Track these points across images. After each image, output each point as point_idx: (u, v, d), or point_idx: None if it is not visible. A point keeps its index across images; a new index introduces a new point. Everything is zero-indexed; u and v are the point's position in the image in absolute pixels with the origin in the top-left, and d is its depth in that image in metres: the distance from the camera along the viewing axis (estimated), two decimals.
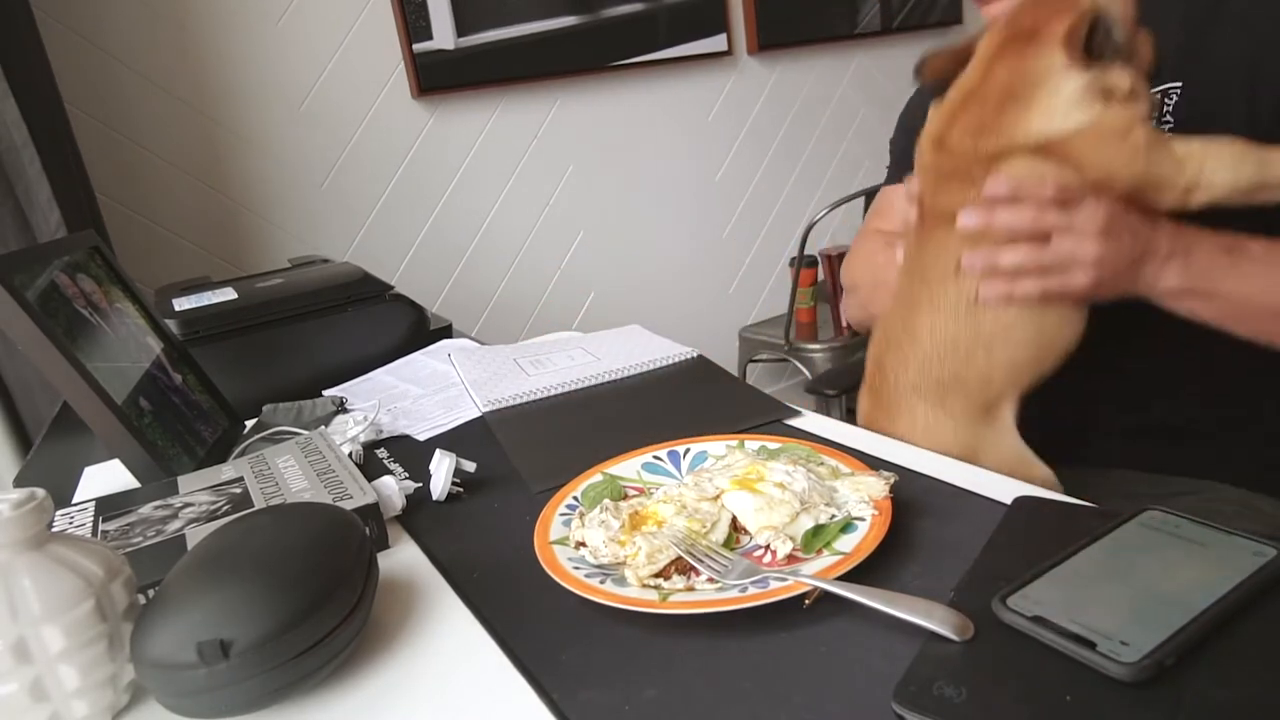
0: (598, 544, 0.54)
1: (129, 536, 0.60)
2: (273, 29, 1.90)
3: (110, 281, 0.89)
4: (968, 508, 0.58)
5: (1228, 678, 0.38)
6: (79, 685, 0.44)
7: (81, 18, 1.71)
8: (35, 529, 0.44)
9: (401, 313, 1.16)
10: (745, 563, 0.52)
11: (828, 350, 2.37)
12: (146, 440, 0.75)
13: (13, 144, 1.31)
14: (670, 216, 2.53)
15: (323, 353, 1.09)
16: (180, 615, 0.44)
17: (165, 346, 0.91)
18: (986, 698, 0.39)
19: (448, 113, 2.13)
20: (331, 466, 0.69)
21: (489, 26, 2.11)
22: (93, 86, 1.75)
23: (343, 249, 2.06)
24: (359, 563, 0.50)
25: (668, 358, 0.97)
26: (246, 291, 1.12)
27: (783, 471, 0.58)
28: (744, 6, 2.48)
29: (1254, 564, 0.44)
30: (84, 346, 0.75)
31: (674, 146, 2.49)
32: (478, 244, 2.24)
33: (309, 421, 0.91)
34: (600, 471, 0.66)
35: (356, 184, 2.05)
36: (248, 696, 0.44)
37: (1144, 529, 0.48)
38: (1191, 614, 0.40)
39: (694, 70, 2.46)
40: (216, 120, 1.88)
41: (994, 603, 0.43)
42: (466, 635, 0.51)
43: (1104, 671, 0.38)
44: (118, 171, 1.79)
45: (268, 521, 0.52)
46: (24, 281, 0.73)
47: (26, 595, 0.43)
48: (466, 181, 2.19)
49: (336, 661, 0.47)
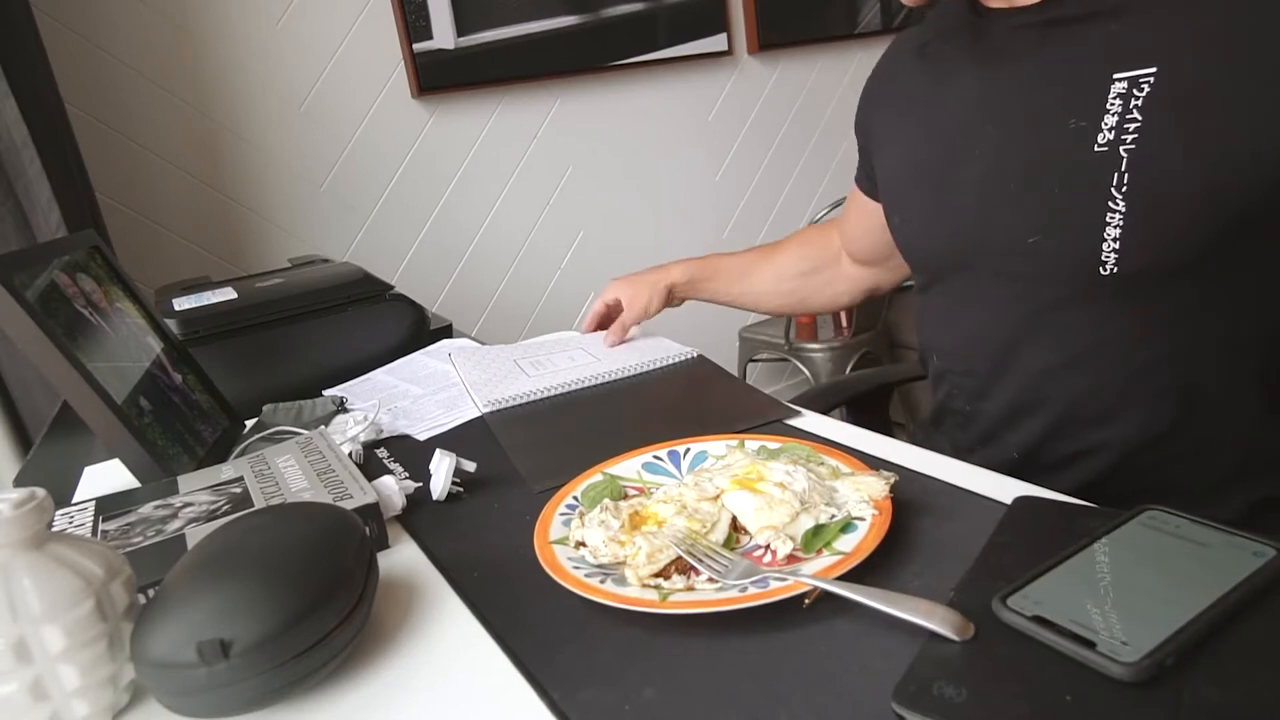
0: (598, 544, 0.54)
1: (129, 536, 0.60)
2: (273, 29, 1.90)
3: (110, 281, 0.89)
4: (968, 508, 0.58)
5: (1228, 678, 0.38)
6: (79, 685, 0.44)
7: (81, 18, 1.72)
8: (35, 529, 0.44)
9: (401, 313, 1.16)
10: (745, 563, 0.52)
11: (827, 350, 2.38)
12: (146, 440, 0.75)
13: (13, 144, 1.31)
14: (670, 216, 2.53)
15: (323, 353, 1.09)
16: (180, 615, 0.44)
17: (165, 346, 0.91)
18: (986, 698, 0.39)
19: (447, 112, 2.13)
20: (331, 466, 0.69)
21: (489, 26, 2.11)
22: (93, 86, 1.75)
23: (343, 249, 2.06)
24: (359, 563, 0.50)
25: (668, 358, 0.97)
26: (246, 291, 1.13)
27: (783, 471, 0.58)
28: (744, 6, 2.48)
29: (1254, 564, 0.44)
30: (84, 346, 0.75)
31: (674, 146, 2.49)
32: (478, 244, 2.24)
33: (309, 421, 0.91)
34: (600, 471, 0.66)
35: (356, 184, 2.05)
36: (248, 696, 0.44)
37: (1144, 529, 0.48)
38: (1191, 614, 0.40)
39: (694, 70, 2.46)
40: (216, 120, 1.88)
41: (994, 603, 0.43)
42: (466, 635, 0.51)
43: (1104, 671, 0.38)
44: (118, 171, 1.79)
45: (268, 521, 0.52)
46: (24, 281, 0.73)
47: (27, 595, 0.43)
48: (466, 181, 2.19)
49: (336, 661, 0.47)
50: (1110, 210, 0.67)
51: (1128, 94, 0.67)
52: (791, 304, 1.14)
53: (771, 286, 1.13)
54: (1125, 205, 0.66)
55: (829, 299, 1.13)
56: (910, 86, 0.86)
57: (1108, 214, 0.67)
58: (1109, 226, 0.67)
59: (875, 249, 1.04)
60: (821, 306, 1.15)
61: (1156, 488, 0.65)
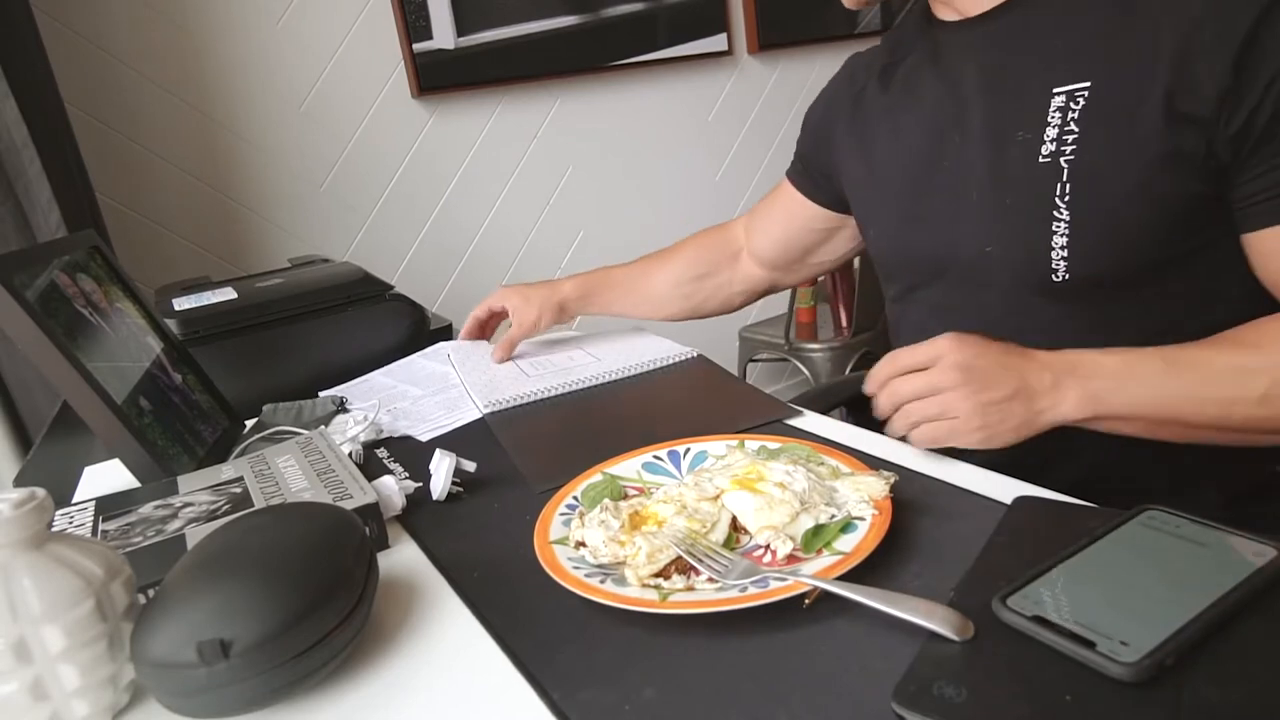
0: (598, 544, 0.54)
1: (129, 536, 0.60)
2: (273, 29, 1.90)
3: (110, 281, 0.89)
4: (968, 508, 0.58)
5: (1228, 678, 0.38)
6: (79, 685, 0.44)
7: (81, 18, 1.71)
8: (35, 529, 0.44)
9: (401, 313, 1.16)
10: (745, 563, 0.52)
11: (827, 350, 2.37)
12: (146, 440, 0.75)
13: (13, 144, 1.31)
14: (670, 216, 2.53)
15: (323, 353, 1.09)
16: (180, 615, 0.44)
17: (165, 346, 0.91)
18: (986, 698, 0.39)
19: (447, 112, 2.13)
20: (331, 466, 0.69)
21: (489, 26, 2.11)
22: (93, 86, 1.75)
23: (343, 249, 2.06)
24: (359, 563, 0.50)
25: (668, 358, 0.97)
26: (246, 291, 1.13)
27: (783, 471, 0.58)
28: (744, 6, 2.48)
29: (1254, 564, 0.44)
30: (84, 346, 0.75)
31: (674, 146, 2.49)
32: (478, 244, 2.24)
33: (309, 421, 0.91)
34: (600, 471, 0.66)
35: (356, 184, 2.05)
36: (248, 696, 0.44)
37: (1144, 529, 0.48)
38: (1191, 614, 0.40)
39: (694, 70, 2.46)
40: (216, 120, 1.88)
41: (994, 603, 0.43)
42: (466, 635, 0.51)
43: (1104, 671, 0.38)
44: (118, 171, 1.79)
45: (268, 521, 0.52)
46: (24, 281, 0.73)
47: (27, 595, 0.43)
48: (466, 181, 2.19)
49: (337, 661, 0.47)
50: (1055, 220, 0.69)
51: (1065, 107, 0.69)
52: (686, 309, 1.13)
53: (667, 291, 1.11)
54: (1069, 215, 0.69)
55: (722, 301, 1.13)
56: (876, 103, 0.88)
57: (1053, 224, 0.69)
58: (1055, 235, 0.69)
59: (788, 251, 1.05)
60: (715, 310, 1.14)
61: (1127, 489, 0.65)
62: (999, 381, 0.62)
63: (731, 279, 1.11)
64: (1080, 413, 0.63)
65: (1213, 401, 0.62)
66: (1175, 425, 0.64)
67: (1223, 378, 0.62)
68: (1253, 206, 0.65)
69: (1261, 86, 0.60)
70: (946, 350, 0.63)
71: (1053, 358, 0.64)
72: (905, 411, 0.65)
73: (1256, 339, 0.63)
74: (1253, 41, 0.60)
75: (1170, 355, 0.64)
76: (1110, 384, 0.63)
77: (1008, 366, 0.63)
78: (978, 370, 0.62)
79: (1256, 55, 0.60)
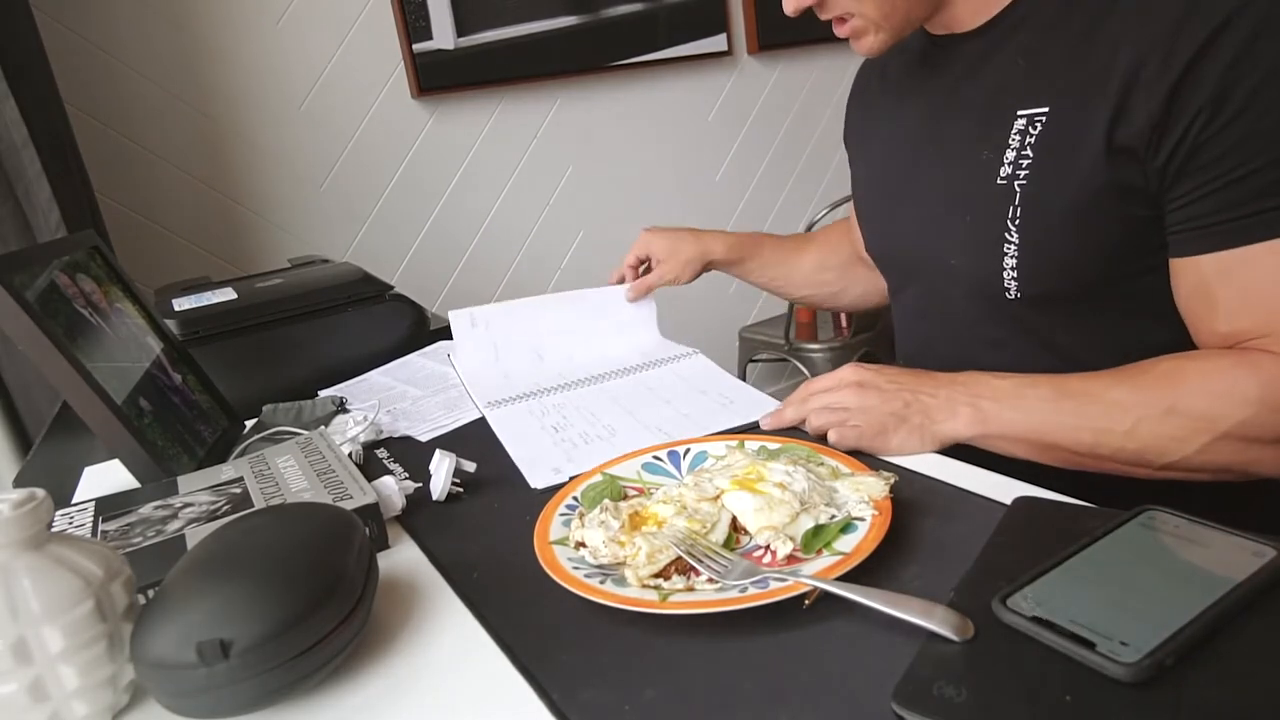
0: (598, 544, 0.54)
1: (129, 536, 0.60)
2: (272, 29, 1.90)
3: (110, 281, 0.89)
4: (968, 508, 0.58)
5: (1228, 678, 0.38)
6: (79, 685, 0.44)
7: (81, 18, 1.71)
8: (35, 529, 0.44)
9: (401, 313, 1.16)
10: (745, 563, 0.52)
11: (827, 350, 2.37)
12: (146, 440, 0.75)
13: (13, 144, 1.31)
14: (671, 217, 2.52)
15: (322, 353, 1.09)
16: (180, 615, 0.44)
17: (165, 346, 0.91)
18: (986, 698, 0.39)
19: (448, 112, 2.13)
20: (331, 466, 0.69)
21: (489, 26, 2.11)
22: (93, 86, 1.75)
23: (343, 249, 2.06)
24: (359, 563, 0.50)
25: (668, 357, 0.97)
26: (246, 291, 1.13)
27: (783, 471, 0.58)
28: (744, 6, 2.48)
29: (1254, 564, 0.44)
30: (84, 346, 0.75)
31: (674, 146, 2.49)
32: (478, 244, 2.24)
33: (309, 422, 0.91)
34: (600, 471, 0.66)
35: (356, 184, 2.05)
36: (248, 696, 0.44)
37: (1144, 529, 0.48)
38: (1191, 614, 0.40)
39: (694, 70, 2.46)
40: (216, 120, 1.88)
41: (994, 603, 0.43)
42: (466, 635, 0.51)
43: (1104, 671, 0.38)
44: (118, 171, 1.79)
45: (268, 521, 0.52)
46: (24, 281, 0.72)
47: (26, 595, 0.43)
48: (466, 181, 2.19)
49: (336, 661, 0.47)
50: (1006, 241, 0.71)
51: (1025, 131, 0.70)
52: (824, 295, 1.13)
53: (812, 274, 1.12)
54: (1018, 237, 0.70)
55: (858, 296, 1.12)
56: (877, 103, 0.91)
57: (1005, 244, 0.71)
58: (1007, 256, 0.71)
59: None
60: (851, 303, 1.14)
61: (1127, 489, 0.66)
62: (889, 396, 0.68)
63: (864, 275, 1.10)
64: (971, 429, 0.67)
65: (1087, 430, 0.64)
66: (1057, 450, 0.66)
67: (1099, 410, 0.64)
68: (1172, 235, 0.65)
69: (1187, 119, 0.60)
70: (848, 373, 0.71)
71: (947, 377, 0.69)
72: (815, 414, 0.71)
73: (1143, 376, 0.65)
74: (1189, 71, 0.60)
75: (1060, 383, 0.66)
76: (997, 406, 0.66)
77: (900, 384, 0.69)
78: (870, 386, 0.69)
79: (1190, 86, 0.60)
